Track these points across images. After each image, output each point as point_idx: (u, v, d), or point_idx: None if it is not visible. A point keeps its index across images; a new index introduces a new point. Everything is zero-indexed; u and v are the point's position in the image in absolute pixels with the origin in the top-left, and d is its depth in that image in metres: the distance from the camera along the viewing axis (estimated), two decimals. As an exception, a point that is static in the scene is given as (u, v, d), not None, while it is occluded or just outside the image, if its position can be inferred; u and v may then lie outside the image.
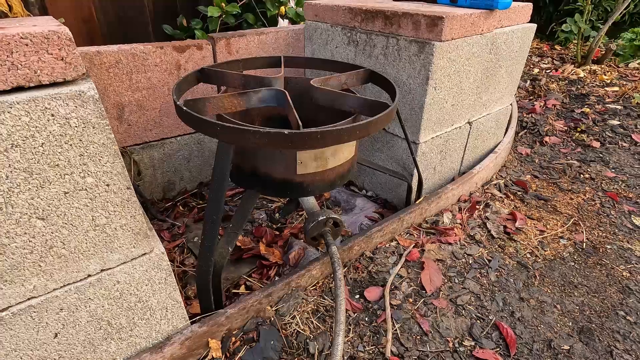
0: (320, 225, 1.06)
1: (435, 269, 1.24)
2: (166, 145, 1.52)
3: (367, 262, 1.26)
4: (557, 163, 1.98)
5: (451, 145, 1.59)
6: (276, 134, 0.82)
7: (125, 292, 0.80)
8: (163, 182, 1.60)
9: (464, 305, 1.13)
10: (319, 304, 1.11)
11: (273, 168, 1.02)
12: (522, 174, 1.86)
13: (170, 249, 1.36)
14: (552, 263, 1.31)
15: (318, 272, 1.16)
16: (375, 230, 1.29)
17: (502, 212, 1.55)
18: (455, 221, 1.48)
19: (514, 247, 1.37)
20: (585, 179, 1.83)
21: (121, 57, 1.28)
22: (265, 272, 1.27)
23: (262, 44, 1.59)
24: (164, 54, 1.36)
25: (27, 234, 0.63)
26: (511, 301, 1.16)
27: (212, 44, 1.47)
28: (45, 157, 0.60)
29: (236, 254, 1.33)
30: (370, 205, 1.61)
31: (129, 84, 1.33)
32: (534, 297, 1.18)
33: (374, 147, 1.60)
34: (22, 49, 0.54)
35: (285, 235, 1.44)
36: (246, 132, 0.82)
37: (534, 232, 1.45)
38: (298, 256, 1.33)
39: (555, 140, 2.24)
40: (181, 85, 1.08)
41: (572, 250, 1.37)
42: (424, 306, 1.12)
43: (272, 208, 1.61)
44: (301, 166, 1.01)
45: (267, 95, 1.05)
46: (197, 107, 0.96)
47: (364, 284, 1.19)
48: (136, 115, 1.40)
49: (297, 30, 1.68)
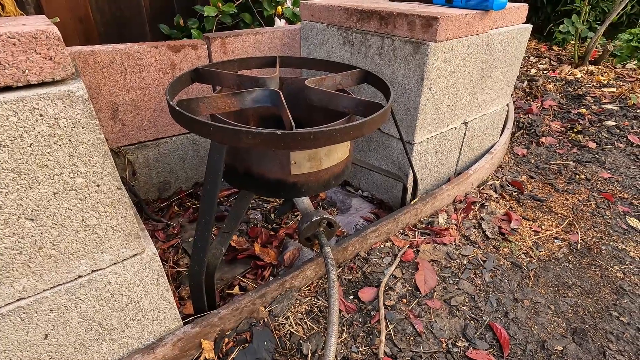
0: (314, 225, 1.06)
1: (430, 270, 1.24)
2: (161, 145, 1.52)
3: (362, 263, 1.26)
4: (553, 164, 1.98)
5: (447, 146, 1.59)
6: (269, 134, 0.81)
7: (117, 293, 0.79)
8: (158, 182, 1.60)
9: (458, 305, 1.13)
10: (313, 305, 1.10)
11: (267, 168, 1.02)
12: (518, 175, 1.86)
13: (164, 249, 1.35)
14: (547, 264, 1.31)
15: (312, 272, 1.16)
16: (370, 231, 1.29)
17: (498, 212, 1.55)
18: (451, 222, 1.48)
19: (508, 248, 1.37)
20: (580, 180, 1.84)
21: (115, 57, 1.27)
22: (260, 273, 1.26)
23: (257, 44, 1.59)
24: (158, 53, 1.35)
25: (15, 234, 0.63)
26: (505, 302, 1.16)
27: (207, 44, 1.47)
28: (33, 157, 0.60)
29: (231, 255, 1.33)
30: (366, 205, 1.61)
31: (123, 84, 1.33)
32: (528, 297, 1.18)
33: (369, 148, 1.60)
34: (10, 49, 0.54)
35: (280, 236, 1.44)
36: (239, 132, 0.82)
37: (529, 232, 1.45)
38: (293, 257, 1.33)
39: (551, 140, 2.24)
40: (175, 85, 1.08)
41: (566, 251, 1.37)
42: (418, 307, 1.12)
43: (268, 208, 1.61)
44: (295, 166, 1.01)
45: (261, 96, 1.05)
46: (190, 107, 0.96)
47: (358, 284, 1.19)
48: (131, 115, 1.39)
49: (293, 30, 1.68)
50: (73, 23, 1.81)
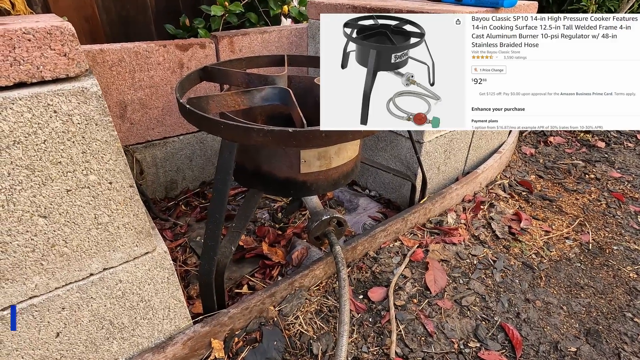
0: (323, 224, 1.05)
1: (440, 270, 1.23)
2: (169, 144, 1.52)
3: (371, 262, 1.25)
4: (561, 163, 1.96)
5: (455, 145, 1.58)
6: (280, 132, 0.81)
7: (128, 291, 0.79)
8: (165, 181, 1.59)
9: (468, 306, 1.12)
10: (322, 304, 1.10)
11: (276, 167, 1.01)
12: (526, 174, 1.85)
13: (172, 248, 1.35)
14: (558, 264, 1.30)
15: (321, 272, 1.15)
16: (379, 230, 1.28)
17: (507, 212, 1.54)
18: (460, 221, 1.47)
19: (519, 248, 1.36)
20: (590, 179, 1.82)
21: (124, 55, 1.27)
22: (268, 272, 1.26)
23: (265, 42, 1.58)
24: (166, 52, 1.35)
25: (29, 232, 0.63)
26: (517, 302, 1.14)
27: (215, 43, 1.47)
28: (47, 154, 0.60)
29: (239, 254, 1.32)
30: (373, 205, 1.60)
31: (131, 82, 1.33)
32: (540, 298, 1.16)
33: (377, 147, 1.59)
34: (25, 45, 0.54)
35: (288, 235, 1.43)
36: (250, 130, 0.82)
37: (540, 232, 1.44)
38: (301, 256, 1.32)
39: (559, 140, 2.22)
40: (184, 84, 1.07)
41: (578, 251, 1.36)
42: (428, 307, 1.11)
43: (275, 207, 1.61)
44: (305, 165, 1.00)
45: (271, 93, 1.04)
46: (200, 105, 0.95)
47: (368, 284, 1.18)
48: (139, 114, 1.39)
49: (300, 29, 1.68)
50: (79, 22, 1.81)
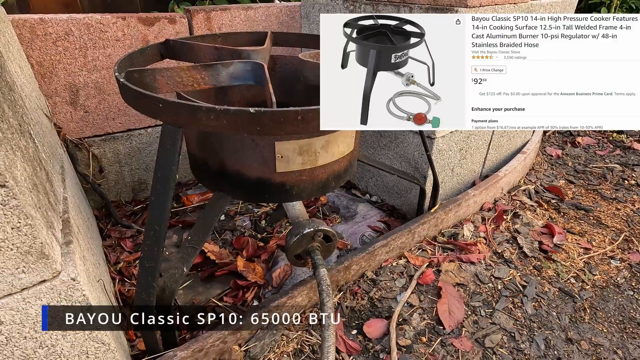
0: (305, 239, 0.81)
1: (456, 297, 0.98)
2: (134, 137, 1.29)
3: (369, 286, 1.00)
4: (594, 167, 1.70)
5: (473, 143, 1.32)
6: (238, 112, 0.58)
7: (16, 335, 0.56)
8: (132, 182, 1.37)
9: (494, 347, 0.87)
10: (304, 342, 0.85)
11: (245, 164, 0.78)
12: (554, 179, 1.59)
13: (129, 261, 1.12)
14: (605, 291, 1.04)
15: (304, 299, 0.91)
16: (380, 245, 1.03)
17: (535, 224, 1.28)
18: (479, 234, 1.21)
19: (553, 269, 1.10)
20: (630, 186, 1.55)
21: (72, 28, 1.05)
22: (241, 295, 1.02)
23: (249, 20, 1.36)
24: (126, 26, 1.13)
25: None
26: (556, 343, 0.89)
27: (188, 18, 1.24)
28: None
29: (208, 271, 1.09)
30: (374, 212, 1.36)
31: (83, 62, 1.10)
32: (586, 337, 0.91)
33: (379, 143, 1.34)
34: None
35: (271, 248, 1.19)
36: (197, 110, 0.59)
37: (577, 250, 1.18)
38: (284, 274, 1.08)
39: (589, 141, 1.96)
40: (134, 58, 0.85)
41: (627, 275, 1.10)
42: (441, 348, 0.86)
43: (259, 214, 1.37)
44: (282, 162, 0.76)
45: (241, 69, 0.82)
46: (143, 81, 0.73)
47: (364, 314, 0.94)
48: (94, 100, 1.17)
49: (292, 7, 1.45)
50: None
